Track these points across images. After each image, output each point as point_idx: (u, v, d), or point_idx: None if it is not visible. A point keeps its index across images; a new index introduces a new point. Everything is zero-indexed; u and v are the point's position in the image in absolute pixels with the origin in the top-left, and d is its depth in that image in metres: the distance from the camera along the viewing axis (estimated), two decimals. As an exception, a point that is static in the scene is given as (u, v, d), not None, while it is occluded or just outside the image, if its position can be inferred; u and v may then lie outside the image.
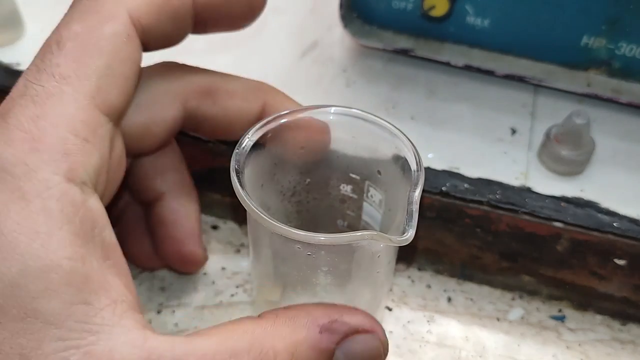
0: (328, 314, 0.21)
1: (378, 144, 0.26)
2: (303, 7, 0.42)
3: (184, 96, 0.26)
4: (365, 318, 0.21)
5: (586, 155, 0.32)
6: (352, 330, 0.21)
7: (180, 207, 0.29)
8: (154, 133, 0.26)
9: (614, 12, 0.32)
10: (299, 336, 0.20)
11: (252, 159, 0.25)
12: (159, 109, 0.25)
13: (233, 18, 0.25)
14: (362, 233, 0.21)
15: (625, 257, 0.30)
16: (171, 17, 0.23)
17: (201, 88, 0.26)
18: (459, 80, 0.38)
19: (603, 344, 0.32)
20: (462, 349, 0.31)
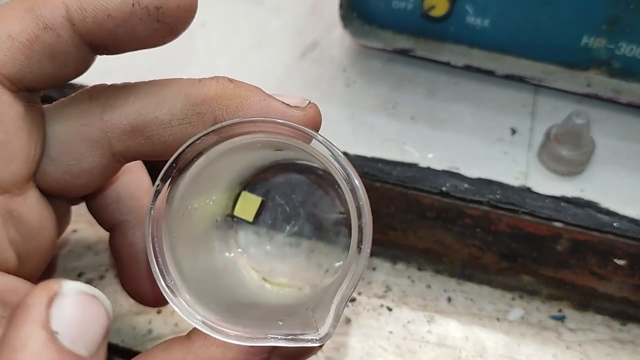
0: None
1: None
2: (303, 7, 0.42)
3: (106, 142, 0.22)
4: None
5: (586, 155, 0.32)
6: None
7: (137, 240, 0.26)
8: (78, 185, 0.22)
9: (614, 12, 0.32)
10: (231, 355, 0.20)
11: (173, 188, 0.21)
12: (76, 161, 0.22)
13: (141, 39, 0.21)
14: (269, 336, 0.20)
15: (625, 257, 0.30)
16: (48, 56, 0.20)
17: (126, 128, 0.21)
18: (459, 80, 0.38)
19: (603, 344, 0.32)
20: (462, 349, 0.31)
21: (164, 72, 0.25)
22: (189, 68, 0.37)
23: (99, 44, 0.20)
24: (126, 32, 0.20)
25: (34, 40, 0.19)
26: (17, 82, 0.20)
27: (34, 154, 0.21)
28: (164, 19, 0.20)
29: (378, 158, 0.32)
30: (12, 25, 0.19)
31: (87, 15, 0.19)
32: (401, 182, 0.32)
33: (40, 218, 0.21)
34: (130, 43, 0.21)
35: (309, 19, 0.42)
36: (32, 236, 0.21)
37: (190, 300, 0.20)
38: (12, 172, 0.20)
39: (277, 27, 0.41)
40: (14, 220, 0.20)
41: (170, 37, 0.21)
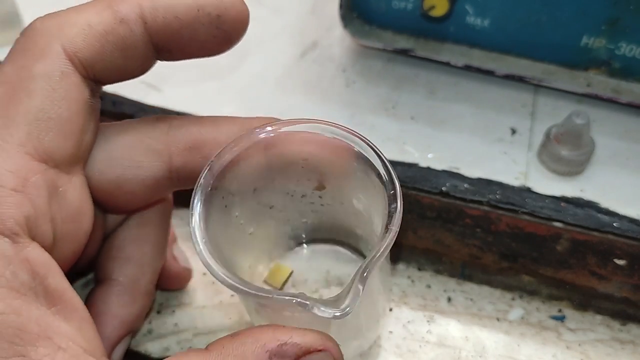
0: (276, 337, 0.20)
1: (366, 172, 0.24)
2: (303, 8, 0.42)
3: (168, 155, 0.24)
4: (316, 336, 0.20)
5: (586, 155, 0.32)
6: (303, 351, 0.20)
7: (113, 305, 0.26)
8: (128, 191, 0.24)
9: (614, 12, 0.32)
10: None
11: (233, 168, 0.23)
12: (134, 167, 0.23)
13: (201, 44, 0.23)
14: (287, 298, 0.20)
15: (625, 257, 0.30)
16: (119, 48, 0.21)
17: (187, 144, 0.24)
18: (459, 80, 0.38)
19: (603, 344, 0.32)
20: (462, 349, 0.31)
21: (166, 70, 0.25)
22: (189, 68, 0.37)
23: (164, 45, 0.22)
24: (189, 35, 0.22)
25: (110, 31, 0.21)
26: (88, 68, 0.21)
27: (87, 141, 0.22)
28: (222, 27, 0.22)
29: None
30: (91, 16, 0.21)
31: (158, 14, 0.21)
32: (401, 182, 0.31)
33: (81, 203, 0.22)
34: (190, 47, 0.23)
35: (309, 19, 0.42)
36: (71, 218, 0.21)
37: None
38: (67, 149, 0.21)
39: (277, 27, 0.41)
40: (58, 197, 0.21)
41: (225, 45, 0.23)
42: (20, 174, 0.19)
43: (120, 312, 0.26)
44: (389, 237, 0.21)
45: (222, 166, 0.23)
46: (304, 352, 0.20)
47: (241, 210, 0.26)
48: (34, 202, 0.19)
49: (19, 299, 0.18)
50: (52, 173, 0.20)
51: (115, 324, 0.25)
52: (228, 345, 0.20)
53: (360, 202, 0.27)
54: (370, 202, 0.25)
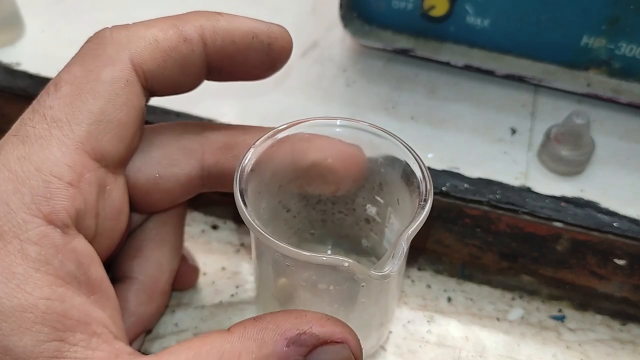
0: (297, 325, 0.20)
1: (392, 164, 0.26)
2: (303, 8, 0.42)
3: (201, 153, 0.25)
4: (336, 327, 0.20)
5: (586, 155, 0.32)
6: (321, 342, 0.20)
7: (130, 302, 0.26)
8: (163, 189, 0.25)
9: (614, 12, 0.32)
10: (266, 351, 0.20)
11: (270, 159, 0.25)
12: (171, 165, 0.25)
13: (250, 68, 0.24)
14: (341, 259, 0.21)
15: (625, 257, 0.30)
16: (179, 64, 0.23)
17: (219, 144, 0.25)
18: (459, 80, 0.38)
19: (603, 344, 0.32)
20: (462, 349, 0.31)
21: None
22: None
23: (217, 65, 0.24)
24: (242, 59, 0.24)
25: (174, 48, 0.22)
26: (149, 80, 0.22)
27: (135, 145, 0.24)
28: (271, 54, 0.24)
29: (378, 158, 0.32)
30: (158, 32, 0.22)
31: (217, 38, 0.23)
32: (401, 182, 0.32)
33: (122, 203, 0.23)
34: (240, 70, 0.24)
35: (309, 19, 0.42)
36: (112, 216, 0.23)
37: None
38: (119, 151, 0.22)
39: (277, 27, 0.41)
40: (105, 195, 0.22)
41: (270, 71, 0.25)
42: (76, 170, 0.20)
43: (138, 310, 0.26)
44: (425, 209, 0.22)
45: (260, 152, 0.24)
46: (321, 342, 0.20)
47: (267, 205, 0.27)
48: (86, 197, 0.20)
49: (63, 286, 0.19)
50: (102, 172, 0.21)
51: (132, 321, 0.26)
52: (250, 328, 0.20)
53: (374, 205, 0.27)
54: (390, 200, 0.26)
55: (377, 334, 0.29)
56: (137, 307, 0.26)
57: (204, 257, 0.33)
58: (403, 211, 0.25)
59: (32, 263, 0.19)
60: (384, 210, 0.27)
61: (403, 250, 0.21)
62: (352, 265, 0.20)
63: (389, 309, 0.28)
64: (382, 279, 0.20)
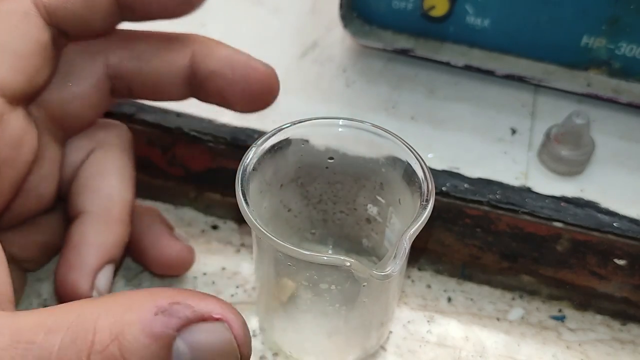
0: (172, 296, 0.17)
1: (394, 164, 0.26)
2: (303, 7, 0.42)
3: (103, 53, 0.25)
4: (216, 304, 0.18)
5: (586, 155, 0.32)
6: (197, 317, 0.17)
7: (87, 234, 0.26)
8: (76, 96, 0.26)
9: (614, 12, 0.32)
10: (130, 316, 0.17)
11: (273, 157, 0.25)
12: (78, 70, 0.25)
13: (164, 4, 0.24)
14: (342, 258, 0.21)
15: (625, 257, 0.30)
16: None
17: (120, 43, 0.26)
18: (459, 80, 0.38)
19: (603, 344, 0.32)
20: (462, 349, 0.31)
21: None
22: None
23: (127, 3, 0.24)
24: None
25: None
26: (51, 14, 0.23)
27: (39, 80, 0.24)
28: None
29: (378, 158, 0.33)
30: None
31: None
32: (401, 182, 0.32)
33: (23, 132, 0.23)
34: (153, 7, 0.24)
35: (309, 19, 0.42)
36: (12, 145, 0.23)
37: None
38: (17, 82, 0.22)
39: (277, 27, 0.41)
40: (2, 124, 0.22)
41: (186, 6, 0.24)
42: None
43: (95, 240, 0.26)
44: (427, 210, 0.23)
45: (263, 150, 0.24)
46: (197, 316, 0.17)
47: (269, 204, 0.27)
48: None
49: None
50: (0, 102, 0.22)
51: (92, 251, 0.26)
52: (122, 294, 0.18)
53: (375, 205, 0.27)
54: (391, 200, 0.26)
55: (377, 333, 0.29)
56: (94, 237, 0.26)
57: (204, 257, 0.33)
58: (404, 211, 0.26)
59: None
60: (385, 210, 0.27)
61: (405, 251, 0.21)
62: (354, 265, 0.20)
63: (390, 308, 0.28)
64: (383, 279, 0.20)
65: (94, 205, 0.27)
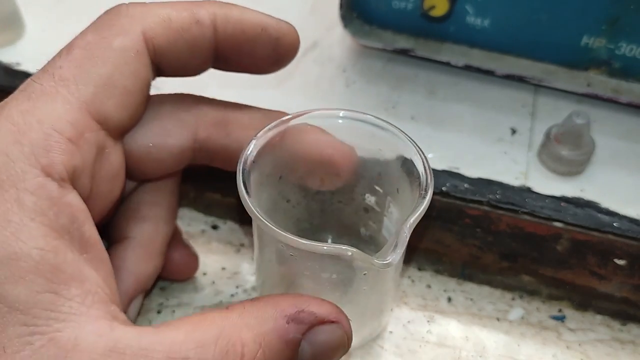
0: (295, 304, 0.21)
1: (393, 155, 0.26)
2: (303, 7, 0.42)
3: (195, 127, 0.26)
4: (331, 308, 0.21)
5: (586, 155, 0.32)
6: (318, 321, 0.21)
7: (129, 261, 0.27)
8: (156, 158, 0.26)
9: (614, 12, 0.32)
10: (267, 327, 0.20)
11: (271, 150, 0.25)
12: (164, 136, 0.25)
13: (256, 60, 0.25)
14: (344, 248, 0.21)
15: (625, 257, 0.30)
16: (189, 45, 0.23)
17: (214, 119, 0.26)
18: (459, 80, 0.38)
19: (603, 344, 0.32)
20: (462, 349, 0.31)
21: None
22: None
23: (225, 53, 0.24)
24: (249, 50, 0.25)
25: (186, 29, 0.23)
26: (158, 55, 0.23)
27: (139, 116, 0.24)
28: (278, 49, 0.25)
29: (378, 158, 0.33)
30: (172, 12, 0.23)
31: (228, 25, 0.24)
32: (401, 182, 0.32)
33: (119, 168, 0.24)
34: (246, 61, 0.25)
35: (309, 19, 0.42)
36: (107, 180, 0.23)
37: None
38: (121, 118, 0.23)
39: (277, 27, 0.41)
40: (103, 157, 0.22)
41: (275, 67, 0.26)
42: (78, 128, 0.21)
43: (135, 269, 0.27)
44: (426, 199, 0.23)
45: (262, 144, 0.25)
46: (318, 321, 0.21)
47: (268, 195, 0.27)
48: (84, 156, 0.21)
49: (57, 239, 0.19)
50: (103, 135, 0.22)
51: (131, 280, 0.27)
52: (249, 306, 0.21)
53: (373, 194, 0.28)
54: (389, 190, 0.26)
55: (377, 320, 0.29)
56: (136, 265, 0.27)
57: (204, 257, 0.33)
58: (402, 201, 0.26)
59: (27, 212, 0.19)
60: (383, 200, 0.27)
61: (405, 239, 0.21)
62: (355, 254, 0.21)
63: (389, 295, 0.28)
64: (384, 267, 0.21)
65: (140, 233, 0.27)
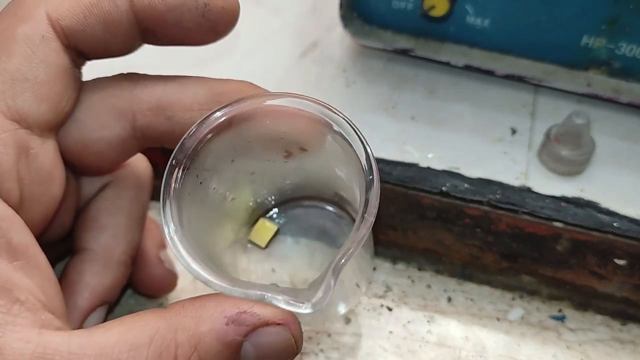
0: (237, 305, 0.19)
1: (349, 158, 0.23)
2: (303, 7, 0.42)
3: (131, 115, 0.23)
4: (276, 310, 0.20)
5: (586, 155, 0.32)
6: (262, 323, 0.20)
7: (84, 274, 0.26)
8: (96, 152, 0.24)
9: (614, 12, 0.32)
10: (204, 328, 0.19)
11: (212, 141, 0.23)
12: (99, 128, 0.23)
13: (186, 30, 0.23)
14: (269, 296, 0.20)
15: (625, 257, 0.30)
16: (103, 22, 0.22)
17: (151, 104, 0.24)
18: (459, 80, 0.38)
19: (603, 344, 0.32)
20: (462, 349, 0.31)
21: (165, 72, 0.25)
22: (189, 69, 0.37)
23: (149, 26, 0.22)
24: (174, 19, 0.22)
25: (95, 4, 0.21)
26: (70, 37, 0.22)
27: (64, 107, 0.22)
28: (208, 16, 0.22)
29: (378, 158, 0.32)
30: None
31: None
32: (401, 182, 0.32)
33: (52, 167, 0.22)
34: (175, 32, 0.23)
35: (309, 19, 0.42)
36: (40, 181, 0.22)
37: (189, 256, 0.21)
38: (40, 111, 0.21)
39: (277, 27, 0.41)
40: (28, 158, 0.21)
41: (212, 35, 0.24)
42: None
43: (92, 281, 0.26)
44: (364, 228, 0.21)
45: (193, 144, 0.23)
46: (262, 323, 0.19)
47: (219, 182, 0.25)
48: (1, 159, 0.20)
49: None
50: (23, 133, 0.21)
51: (86, 293, 0.25)
52: (188, 306, 0.20)
53: (341, 171, 0.26)
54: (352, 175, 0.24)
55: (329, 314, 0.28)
56: (91, 277, 0.26)
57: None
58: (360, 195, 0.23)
59: None
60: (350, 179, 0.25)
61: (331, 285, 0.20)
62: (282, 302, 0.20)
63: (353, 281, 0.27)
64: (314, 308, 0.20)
65: (97, 244, 0.26)
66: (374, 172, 0.22)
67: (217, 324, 0.19)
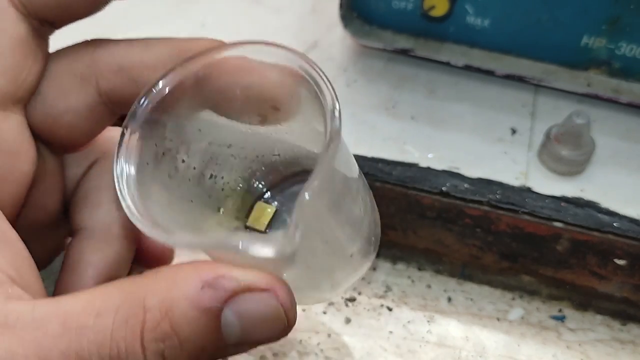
0: (215, 269, 0.17)
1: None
2: (303, 7, 0.42)
3: (94, 79, 0.22)
4: (261, 276, 0.18)
5: (586, 155, 0.32)
6: (243, 288, 0.17)
7: (84, 253, 0.24)
8: (67, 124, 0.23)
9: (614, 12, 0.32)
10: (177, 293, 0.17)
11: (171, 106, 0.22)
12: (64, 98, 0.22)
13: None
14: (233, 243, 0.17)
15: (625, 257, 0.30)
16: None
17: (113, 66, 0.22)
18: (459, 80, 0.38)
19: (603, 344, 0.32)
20: (462, 349, 0.31)
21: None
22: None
23: None
24: None
25: None
26: (27, 4, 0.21)
27: (26, 78, 0.21)
28: None
29: (378, 158, 0.32)
30: None
31: None
32: (401, 182, 0.32)
33: (18, 142, 0.22)
34: None
35: (309, 19, 0.42)
36: (5, 157, 0.21)
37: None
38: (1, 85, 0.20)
39: (277, 27, 0.41)
40: None
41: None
42: None
43: (93, 258, 0.24)
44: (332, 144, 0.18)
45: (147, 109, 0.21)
46: (242, 288, 0.17)
47: (190, 155, 0.24)
48: None
49: None
50: None
51: (90, 270, 0.24)
52: (164, 269, 0.18)
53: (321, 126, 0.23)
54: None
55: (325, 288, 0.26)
56: (92, 254, 0.24)
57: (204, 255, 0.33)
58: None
59: None
60: None
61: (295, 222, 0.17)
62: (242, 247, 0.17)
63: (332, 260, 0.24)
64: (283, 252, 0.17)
65: (93, 220, 0.25)
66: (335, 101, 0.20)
67: (191, 288, 0.17)
